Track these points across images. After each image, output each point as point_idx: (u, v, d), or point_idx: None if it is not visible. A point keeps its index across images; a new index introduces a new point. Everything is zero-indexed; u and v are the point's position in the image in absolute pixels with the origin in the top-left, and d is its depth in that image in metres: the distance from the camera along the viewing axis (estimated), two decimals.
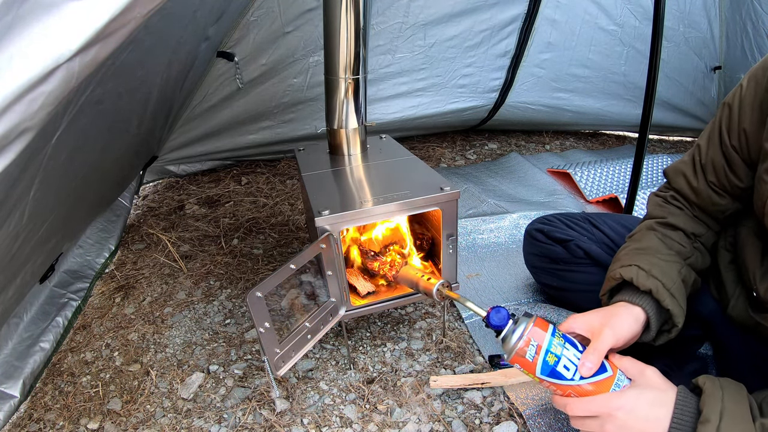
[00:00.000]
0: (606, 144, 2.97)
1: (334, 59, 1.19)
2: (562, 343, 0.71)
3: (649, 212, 0.96)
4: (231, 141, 2.37)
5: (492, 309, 0.74)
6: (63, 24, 0.50)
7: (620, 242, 1.15)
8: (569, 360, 0.70)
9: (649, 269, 0.80)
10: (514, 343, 0.71)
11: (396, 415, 1.07)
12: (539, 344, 0.70)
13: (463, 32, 2.26)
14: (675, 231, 0.90)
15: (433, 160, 2.65)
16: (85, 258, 1.66)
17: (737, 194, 0.85)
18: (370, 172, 1.24)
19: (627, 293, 0.82)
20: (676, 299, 0.78)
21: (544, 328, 0.72)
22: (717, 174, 0.84)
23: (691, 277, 0.85)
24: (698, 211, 0.92)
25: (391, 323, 1.36)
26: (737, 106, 0.78)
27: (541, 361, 0.70)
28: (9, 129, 0.51)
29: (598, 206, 2.04)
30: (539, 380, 0.72)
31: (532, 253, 1.34)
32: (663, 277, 0.79)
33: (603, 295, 0.90)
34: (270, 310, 0.90)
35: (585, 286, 1.18)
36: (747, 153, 0.79)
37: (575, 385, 0.69)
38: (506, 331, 0.73)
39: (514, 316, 0.75)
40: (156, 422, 1.10)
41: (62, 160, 0.98)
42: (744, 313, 0.83)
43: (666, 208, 0.93)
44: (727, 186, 0.84)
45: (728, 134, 0.80)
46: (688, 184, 0.90)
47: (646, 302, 0.79)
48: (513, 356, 0.71)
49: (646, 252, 0.85)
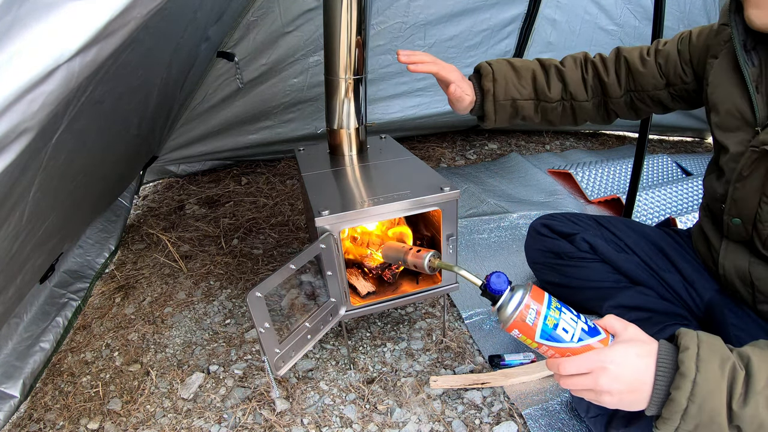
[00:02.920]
0: (606, 144, 2.97)
1: (334, 59, 1.19)
2: (558, 307, 0.73)
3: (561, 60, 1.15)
4: (231, 141, 2.37)
5: (492, 274, 0.75)
6: (63, 24, 0.50)
7: (626, 241, 1.15)
8: (567, 323, 0.71)
9: (498, 69, 1.10)
10: (515, 308, 0.71)
11: (396, 415, 1.07)
12: (538, 308, 0.71)
13: (463, 32, 2.26)
14: (557, 79, 1.10)
15: (433, 160, 2.65)
16: (85, 258, 1.66)
17: (675, 87, 1.03)
18: (370, 172, 1.24)
19: (475, 76, 1.14)
20: (498, 101, 1.10)
21: (542, 293, 0.74)
22: (668, 62, 1.02)
23: (527, 108, 1.12)
24: (614, 90, 1.09)
25: (391, 323, 1.36)
26: (688, 36, 1.01)
27: (541, 325, 0.71)
28: (9, 129, 0.51)
29: (599, 207, 2.04)
30: (537, 345, 0.72)
31: (536, 248, 1.33)
32: (501, 79, 1.09)
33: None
34: (270, 310, 0.90)
35: (587, 283, 1.18)
36: (693, 64, 1.00)
37: (574, 347, 0.70)
38: (504, 297, 0.73)
39: (511, 283, 0.76)
40: (156, 422, 1.10)
41: (62, 160, 0.98)
42: (737, 258, 0.91)
43: (574, 65, 1.12)
44: (671, 75, 1.02)
45: (684, 46, 1.01)
46: (640, 57, 1.05)
47: (477, 84, 1.12)
48: (513, 321, 0.72)
49: (513, 64, 1.12)
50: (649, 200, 1.91)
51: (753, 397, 0.58)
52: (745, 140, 0.82)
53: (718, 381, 0.60)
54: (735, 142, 0.84)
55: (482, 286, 0.76)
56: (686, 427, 0.61)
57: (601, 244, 1.16)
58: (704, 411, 0.60)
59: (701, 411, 0.60)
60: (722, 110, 0.86)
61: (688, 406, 0.60)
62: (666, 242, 1.13)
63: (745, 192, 0.82)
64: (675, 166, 2.33)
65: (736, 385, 0.60)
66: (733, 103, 0.84)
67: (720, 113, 0.87)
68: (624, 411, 0.86)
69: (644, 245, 1.14)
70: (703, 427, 0.61)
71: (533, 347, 0.73)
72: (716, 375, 0.60)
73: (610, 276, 1.16)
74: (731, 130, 0.85)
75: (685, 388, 0.60)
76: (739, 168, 0.82)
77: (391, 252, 1.07)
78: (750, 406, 0.58)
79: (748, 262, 0.87)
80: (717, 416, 0.59)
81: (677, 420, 0.61)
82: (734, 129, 0.84)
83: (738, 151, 0.83)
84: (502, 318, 0.73)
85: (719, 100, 0.87)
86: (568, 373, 0.68)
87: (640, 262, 1.12)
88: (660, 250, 1.12)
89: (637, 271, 1.12)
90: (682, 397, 0.60)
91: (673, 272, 1.08)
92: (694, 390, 0.60)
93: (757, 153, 0.78)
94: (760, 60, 0.80)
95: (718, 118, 0.88)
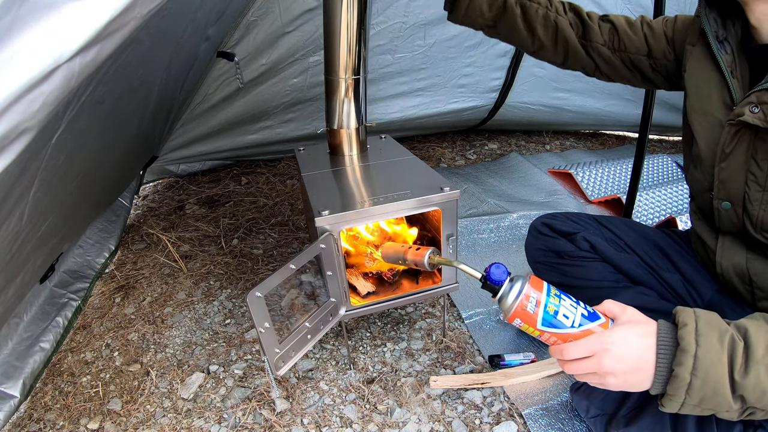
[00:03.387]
0: (606, 144, 2.97)
1: (334, 59, 1.19)
2: (558, 294, 0.74)
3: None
4: (231, 141, 2.37)
5: (491, 265, 0.76)
6: (63, 24, 0.50)
7: (627, 240, 1.15)
8: (567, 309, 0.72)
9: None
10: (516, 298, 0.73)
11: (396, 415, 1.07)
12: (539, 296, 0.73)
13: (463, 32, 2.25)
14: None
15: (433, 160, 2.65)
16: (85, 258, 1.66)
17: (657, 60, 1.05)
18: (370, 172, 1.24)
19: None
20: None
21: (540, 282, 0.75)
22: (654, 35, 1.05)
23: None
24: (596, 36, 1.09)
25: (391, 323, 1.36)
26: (673, 20, 1.03)
27: (542, 313, 0.72)
28: (9, 129, 0.51)
29: (599, 207, 2.04)
30: (540, 332, 0.73)
31: (537, 247, 1.33)
32: None
33: None
34: (270, 310, 0.90)
35: (588, 282, 1.18)
36: (675, 47, 1.02)
37: (575, 333, 0.72)
38: (505, 288, 0.75)
39: (510, 274, 0.77)
40: (156, 422, 1.10)
41: (62, 160, 0.98)
42: (734, 255, 0.91)
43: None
44: (654, 47, 1.04)
45: (668, 27, 1.04)
46: (626, 20, 1.08)
47: None
48: (514, 311, 0.73)
49: None
50: (649, 200, 1.91)
51: (753, 366, 0.60)
52: (723, 120, 0.84)
53: (718, 353, 0.61)
54: (709, 123, 0.87)
55: (482, 278, 0.78)
56: (691, 401, 0.62)
57: (602, 243, 1.16)
58: (708, 384, 0.61)
59: (705, 384, 0.61)
60: (699, 94, 0.89)
61: (692, 381, 0.61)
62: (666, 242, 1.13)
63: (730, 171, 0.83)
64: (675, 166, 2.33)
65: (736, 356, 0.61)
66: (712, 86, 0.87)
67: (696, 97, 0.90)
68: (624, 411, 0.86)
69: (644, 245, 1.14)
70: (708, 400, 0.62)
71: (535, 335, 0.74)
72: (716, 347, 0.61)
73: (611, 275, 1.16)
74: (708, 112, 0.87)
75: (687, 363, 0.61)
76: (721, 145, 0.83)
77: (390, 252, 1.08)
78: (751, 375, 0.59)
79: (745, 258, 0.87)
80: (721, 387, 0.61)
81: (682, 395, 0.62)
82: (711, 110, 0.87)
83: (714, 131, 0.85)
84: (503, 308, 0.75)
85: (697, 84, 0.91)
86: (572, 358, 0.69)
87: (640, 262, 1.12)
88: (660, 250, 1.12)
89: (637, 270, 1.12)
90: (686, 372, 0.61)
91: (673, 272, 1.08)
92: (696, 364, 0.61)
93: (734, 126, 0.80)
94: (732, 48, 0.84)
95: (693, 101, 0.91)
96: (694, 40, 0.93)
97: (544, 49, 1.16)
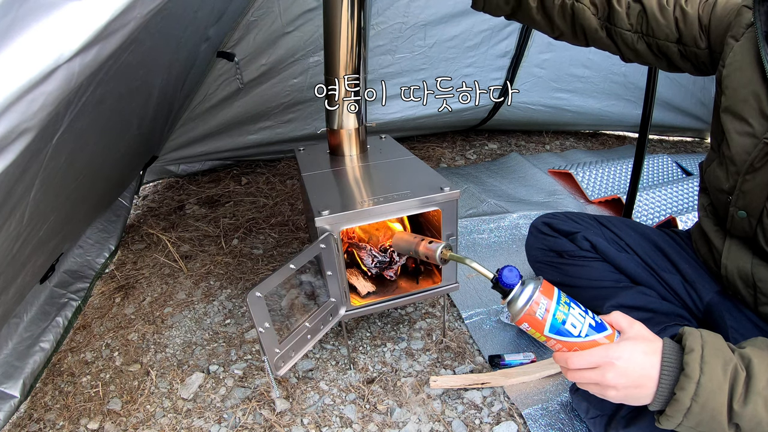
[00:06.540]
0: (606, 144, 2.97)
1: (334, 59, 1.19)
2: (567, 303, 0.74)
3: None
4: (231, 141, 2.37)
5: (504, 267, 0.76)
6: (63, 24, 0.50)
7: (627, 241, 1.15)
8: (575, 318, 0.72)
9: None
10: (526, 302, 0.73)
11: (396, 415, 1.07)
12: (549, 303, 0.73)
13: (463, 32, 2.25)
14: None
15: (433, 160, 2.65)
16: (85, 258, 1.66)
17: (687, 47, 0.96)
18: (370, 172, 1.24)
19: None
20: None
21: (552, 288, 0.75)
22: (686, 21, 0.95)
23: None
24: (622, 21, 1.02)
25: (391, 323, 1.36)
26: (713, 4, 0.93)
27: (551, 319, 0.72)
28: (9, 129, 0.51)
29: (600, 207, 2.04)
30: (546, 338, 0.73)
31: (537, 247, 1.33)
32: None
33: None
34: (270, 310, 0.90)
35: (588, 282, 1.18)
36: (710, 35, 0.94)
37: (581, 342, 0.72)
38: (516, 291, 0.74)
39: (522, 278, 0.77)
40: (156, 422, 1.10)
41: (63, 161, 0.98)
42: (740, 259, 0.90)
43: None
44: (685, 33, 0.95)
45: (705, 12, 0.94)
46: (659, 4, 0.97)
47: None
48: (523, 315, 0.73)
49: None
50: (649, 200, 1.91)
51: (753, 397, 0.61)
52: (759, 131, 0.80)
53: (720, 382, 0.62)
54: (744, 131, 0.82)
55: (494, 279, 0.77)
56: (688, 424, 0.64)
57: (602, 243, 1.16)
58: (706, 410, 0.62)
59: (704, 410, 0.62)
60: (737, 96, 0.84)
61: (692, 406, 0.62)
62: (666, 243, 1.13)
63: (754, 184, 0.81)
64: (675, 166, 2.33)
65: (737, 386, 0.62)
66: (752, 91, 0.81)
67: (734, 98, 0.85)
68: (624, 412, 0.86)
69: (645, 245, 1.14)
70: (704, 424, 0.63)
71: (542, 340, 0.74)
72: (719, 377, 0.62)
73: (611, 275, 1.16)
74: (743, 118, 0.83)
75: (689, 389, 0.62)
76: (751, 159, 0.80)
77: (402, 243, 1.07)
78: (750, 406, 0.61)
79: (750, 264, 0.87)
80: (718, 415, 0.62)
81: (680, 418, 0.63)
82: (747, 116, 0.82)
83: (747, 141, 0.81)
84: (512, 311, 0.75)
85: (735, 84, 0.84)
86: (576, 367, 0.70)
87: (640, 262, 1.12)
88: (660, 251, 1.12)
89: (637, 270, 1.12)
90: (686, 397, 0.62)
91: (673, 273, 1.08)
92: (697, 391, 0.62)
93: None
94: None
95: (730, 102, 0.85)
96: (738, 34, 0.85)
97: (564, 36, 1.14)
